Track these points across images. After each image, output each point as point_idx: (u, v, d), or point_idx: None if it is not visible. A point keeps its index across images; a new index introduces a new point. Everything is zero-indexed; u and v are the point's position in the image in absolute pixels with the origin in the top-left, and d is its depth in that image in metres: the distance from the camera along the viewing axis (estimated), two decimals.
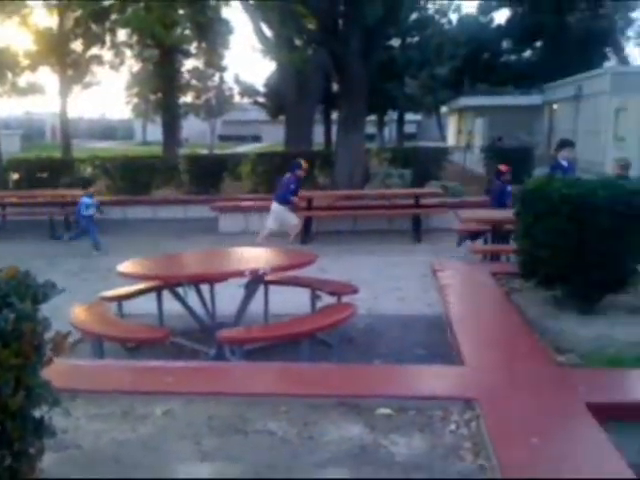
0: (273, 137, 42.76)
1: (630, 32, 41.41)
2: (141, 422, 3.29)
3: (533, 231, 5.09)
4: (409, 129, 56.54)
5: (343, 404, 3.33)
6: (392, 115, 43.29)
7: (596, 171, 19.49)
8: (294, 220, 10.71)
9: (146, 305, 6.18)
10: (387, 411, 3.29)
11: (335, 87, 22.34)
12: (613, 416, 3.31)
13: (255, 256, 5.87)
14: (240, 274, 4.94)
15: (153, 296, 6.04)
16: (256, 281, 5.15)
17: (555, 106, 31.90)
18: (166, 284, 5.51)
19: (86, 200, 11.16)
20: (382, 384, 3.58)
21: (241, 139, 58.22)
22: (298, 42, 19.02)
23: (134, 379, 3.77)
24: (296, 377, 3.70)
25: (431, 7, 38.88)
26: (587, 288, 5.10)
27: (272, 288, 6.33)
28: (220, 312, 5.91)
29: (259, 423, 3.21)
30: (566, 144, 8.89)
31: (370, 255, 9.94)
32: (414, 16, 36.15)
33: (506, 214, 6.72)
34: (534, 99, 35.42)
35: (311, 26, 15.55)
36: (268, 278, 5.77)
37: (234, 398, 3.40)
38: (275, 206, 10.63)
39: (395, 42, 35.95)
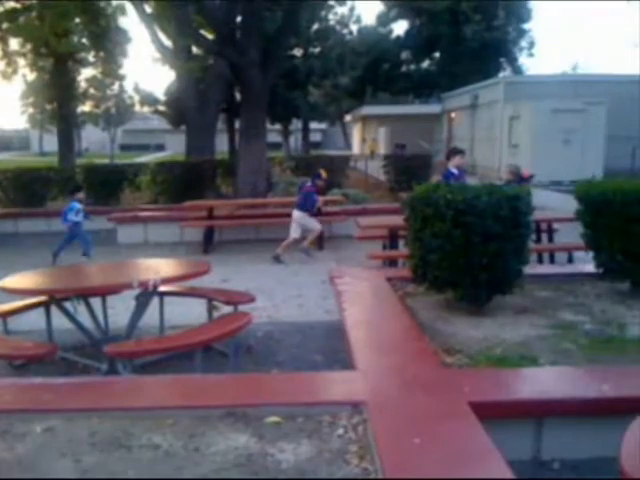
0: (177, 146, 42.17)
1: (523, 43, 43.28)
2: (19, 441, 3.15)
3: (422, 236, 5.22)
4: (315, 138, 57.13)
5: (231, 414, 3.30)
6: (297, 124, 43.61)
7: (494, 176, 20.29)
8: (317, 225, 10.66)
9: (37, 321, 5.95)
10: (276, 419, 3.28)
11: (238, 96, 22.26)
12: (494, 414, 3.44)
13: (147, 267, 5.75)
14: (128, 286, 4.82)
15: (45, 311, 5.81)
16: (147, 293, 5.04)
17: (453, 114, 32.99)
18: (53, 298, 5.31)
19: (76, 205, 10.67)
20: (272, 392, 3.57)
21: (144, 148, 57.13)
22: (197, 51, 18.89)
23: (14, 397, 3.60)
24: (184, 389, 3.63)
25: (332, 18, 39.46)
26: (475, 290, 5.27)
27: (171, 299, 6.23)
28: (117, 325, 5.77)
29: (143, 437, 3.14)
30: (456, 152, 9.13)
31: (272, 263, 9.94)
32: (316, 26, 36.63)
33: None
34: (434, 108, 36.54)
35: (209, 35, 15.47)
36: (163, 289, 5.66)
37: (118, 413, 3.30)
38: (296, 213, 10.53)
39: (298, 52, 36.25)
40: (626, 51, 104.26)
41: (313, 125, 48.16)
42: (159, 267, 5.61)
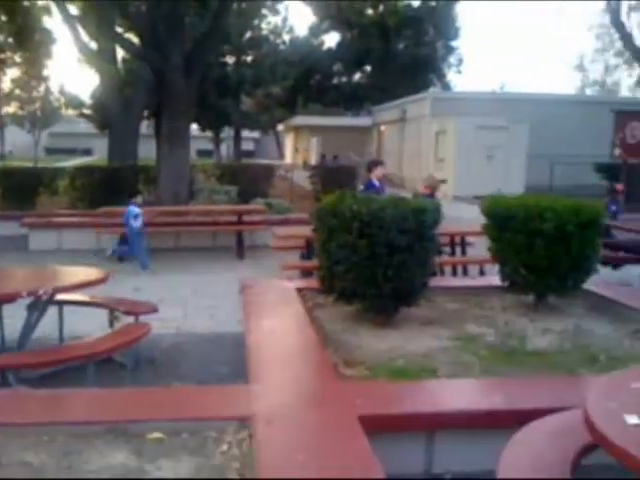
0: (104, 150, 41.24)
1: (451, 59, 44.33)
2: None
3: (329, 247, 5.20)
4: (248, 146, 56.88)
5: (112, 431, 3.16)
6: (230, 132, 43.36)
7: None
8: None
9: None
10: (158, 435, 3.16)
11: None
12: (384, 428, 3.42)
13: (43, 275, 5.52)
14: (17, 295, 4.61)
15: None
16: (40, 302, 4.83)
17: (383, 128, 33.43)
18: None
19: (134, 209, 10.14)
20: (157, 407, 3.45)
21: (70, 152, 55.61)
22: (125, 54, 18.54)
23: None
24: (65, 404, 3.47)
25: (265, 27, 39.48)
26: (381, 302, 5.28)
27: (74, 309, 6.01)
28: (15, 336, 5.51)
29: (15, 454, 2.97)
30: (376, 164, 9.17)
31: (190, 273, 9.76)
32: (248, 35, 36.56)
33: None
34: (364, 120, 36.93)
35: (133, 39, 15.19)
36: (62, 298, 5.45)
37: None
38: None
39: (230, 59, 36.10)
40: (560, 71, 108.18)
41: (246, 133, 47.94)
42: (57, 275, 5.40)
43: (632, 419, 2.41)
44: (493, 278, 6.65)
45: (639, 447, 2.24)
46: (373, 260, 5.03)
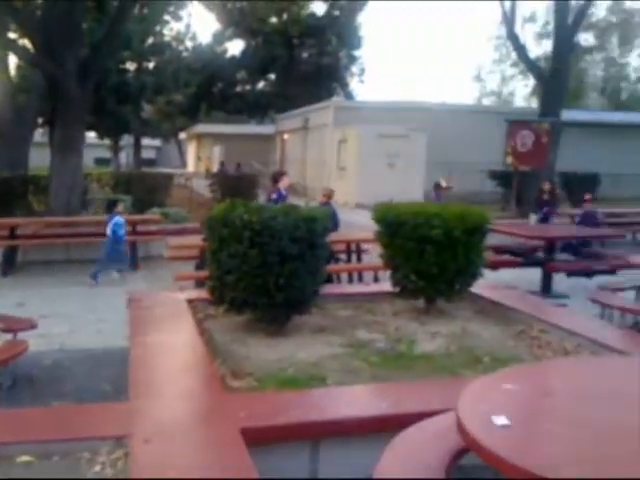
0: None
1: (354, 69, 44.98)
2: None
3: (219, 257, 5.12)
4: (149, 154, 55.61)
5: None
6: (129, 139, 42.30)
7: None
8: None
9: None
10: (27, 458, 3.00)
11: None
12: (268, 439, 3.37)
13: None
14: None
15: None
16: None
17: (286, 136, 33.50)
18: None
19: (119, 219, 9.89)
20: (30, 429, 3.27)
21: None
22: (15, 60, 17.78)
23: None
24: None
25: (168, 34, 38.86)
26: (273, 311, 5.24)
27: None
28: None
29: None
30: (282, 174, 9.28)
31: (79, 285, 9.39)
32: (150, 41, 35.86)
33: None
34: (268, 129, 36.92)
35: (28, 45, 14.58)
36: None
37: None
38: None
39: (131, 66, 35.26)
40: (460, 81, 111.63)
41: (147, 141, 46.94)
42: None
43: (500, 420, 2.45)
44: (386, 284, 6.76)
45: (507, 449, 2.29)
46: (264, 269, 4.98)
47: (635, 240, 13.45)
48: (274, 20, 40.03)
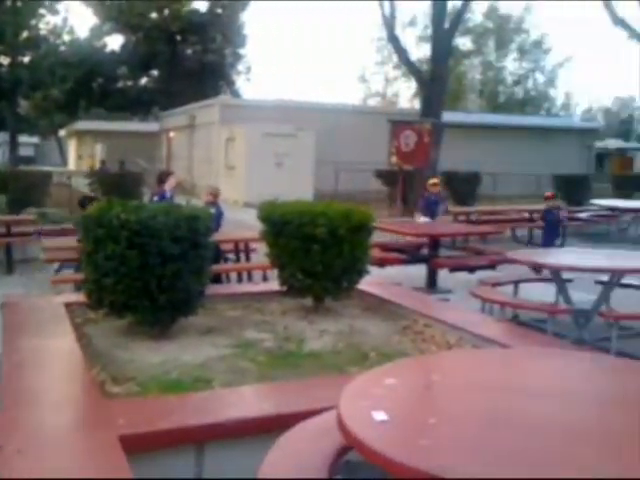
0: None
1: (240, 67, 44.69)
2: None
3: (95, 259, 4.88)
4: (27, 152, 52.98)
5: None
6: (5, 137, 40.10)
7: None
8: None
9: None
10: None
11: None
12: (150, 446, 3.24)
13: None
14: None
15: None
16: None
17: (172, 134, 32.82)
18: None
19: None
20: None
21: None
22: None
23: None
24: None
25: (44, 27, 37.12)
26: (156, 313, 5.06)
27: None
28: None
29: None
30: (169, 174, 9.07)
31: None
32: (25, 34, 34.17)
33: None
34: (152, 126, 36.02)
35: None
36: None
37: None
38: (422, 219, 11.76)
39: (4, 60, 33.44)
40: (346, 82, 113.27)
41: (25, 139, 44.68)
42: None
43: (379, 416, 2.43)
44: (274, 283, 6.71)
45: (387, 444, 2.26)
46: (145, 270, 4.80)
47: (514, 236, 14.10)
48: (154, 15, 39.04)
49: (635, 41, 24.56)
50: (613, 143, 42.87)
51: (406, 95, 52.96)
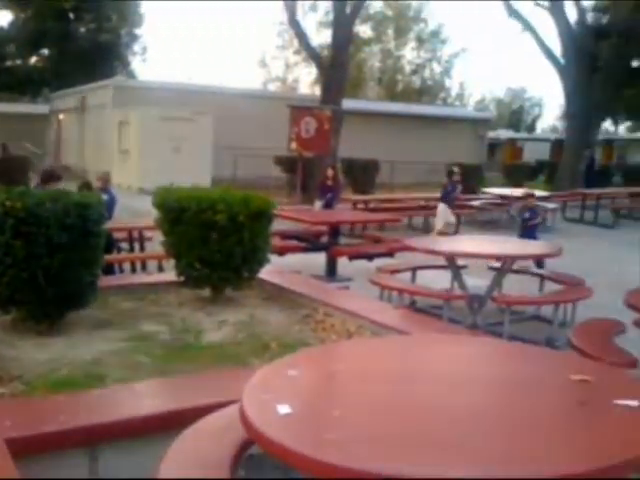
0: None
1: (136, 47, 43.29)
2: None
3: None
4: None
5: None
6: None
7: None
8: (452, 218, 12.91)
9: None
10: None
11: None
12: (38, 449, 3.05)
13: None
14: None
15: None
16: None
17: (62, 116, 31.41)
18: None
19: None
20: None
21: None
22: None
23: None
24: None
25: None
26: (44, 307, 4.79)
27: None
28: None
29: None
30: (52, 177, 7.90)
31: None
32: None
33: None
34: (42, 108, 34.35)
35: None
36: None
37: None
38: (441, 206, 12.76)
39: None
40: (246, 66, 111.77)
41: None
42: None
43: (284, 409, 2.37)
44: (170, 274, 6.52)
45: (291, 438, 2.21)
46: (31, 261, 4.53)
47: (410, 224, 14.38)
48: None
49: (528, 33, 25.46)
50: (504, 133, 44.69)
51: (306, 81, 52.85)
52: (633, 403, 2.48)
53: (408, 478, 1.95)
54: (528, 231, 9.47)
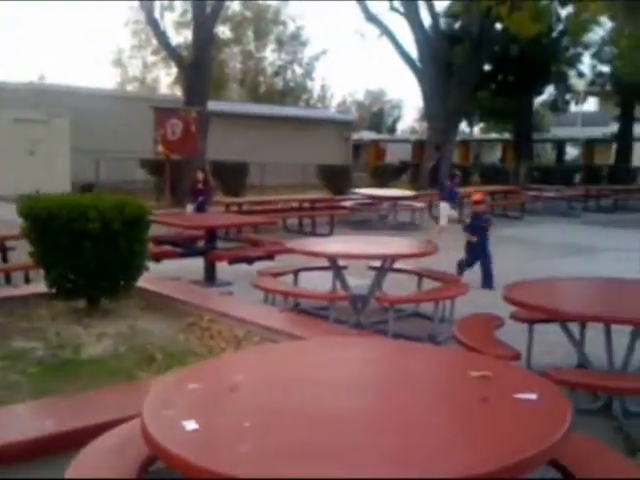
0: None
1: None
2: None
3: None
4: None
5: None
6: None
7: None
8: (454, 213, 13.88)
9: None
10: None
11: None
12: None
13: None
14: None
15: None
16: None
17: None
18: None
19: None
20: None
21: None
22: None
23: None
24: None
25: None
26: None
27: None
28: None
29: None
30: None
31: None
32: None
33: None
34: None
35: None
36: None
37: None
38: (443, 204, 13.72)
39: None
40: (100, 66, 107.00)
41: None
42: None
43: (190, 425, 2.30)
44: (40, 285, 6.11)
45: (198, 454, 2.13)
46: None
47: (285, 226, 14.36)
48: None
49: (385, 37, 26.15)
50: (367, 135, 45.87)
51: (166, 81, 51.49)
52: (532, 396, 2.55)
53: None
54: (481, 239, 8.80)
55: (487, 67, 28.34)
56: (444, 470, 2.03)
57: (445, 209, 13.72)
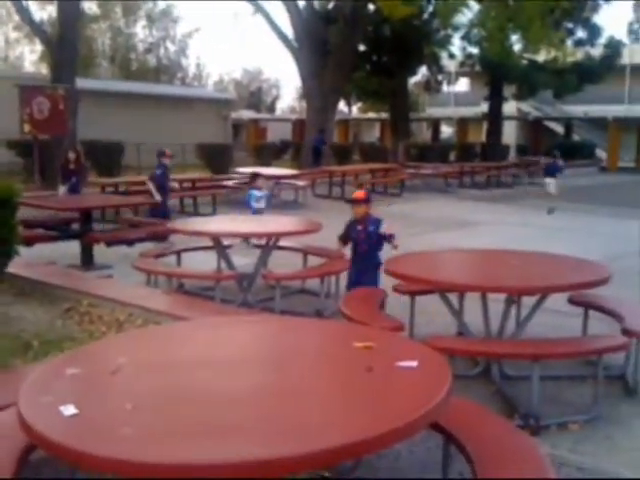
0: None
1: None
2: None
3: None
4: None
5: None
6: None
7: None
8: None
9: None
10: None
11: None
12: None
13: None
14: None
15: None
16: None
17: None
18: None
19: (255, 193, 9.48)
20: None
21: None
22: None
23: None
24: None
25: None
26: None
27: None
28: None
29: None
30: None
31: None
32: None
33: None
34: None
35: None
36: None
37: None
38: (548, 179, 18.04)
39: None
40: None
41: None
42: None
43: (68, 410, 2.24)
44: None
45: (79, 439, 2.08)
46: None
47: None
48: None
49: (260, 16, 25.87)
50: (246, 114, 45.37)
51: (31, 59, 48.60)
52: (413, 364, 2.63)
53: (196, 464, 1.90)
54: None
55: (362, 47, 28.62)
56: (321, 441, 2.04)
57: (552, 182, 17.79)
